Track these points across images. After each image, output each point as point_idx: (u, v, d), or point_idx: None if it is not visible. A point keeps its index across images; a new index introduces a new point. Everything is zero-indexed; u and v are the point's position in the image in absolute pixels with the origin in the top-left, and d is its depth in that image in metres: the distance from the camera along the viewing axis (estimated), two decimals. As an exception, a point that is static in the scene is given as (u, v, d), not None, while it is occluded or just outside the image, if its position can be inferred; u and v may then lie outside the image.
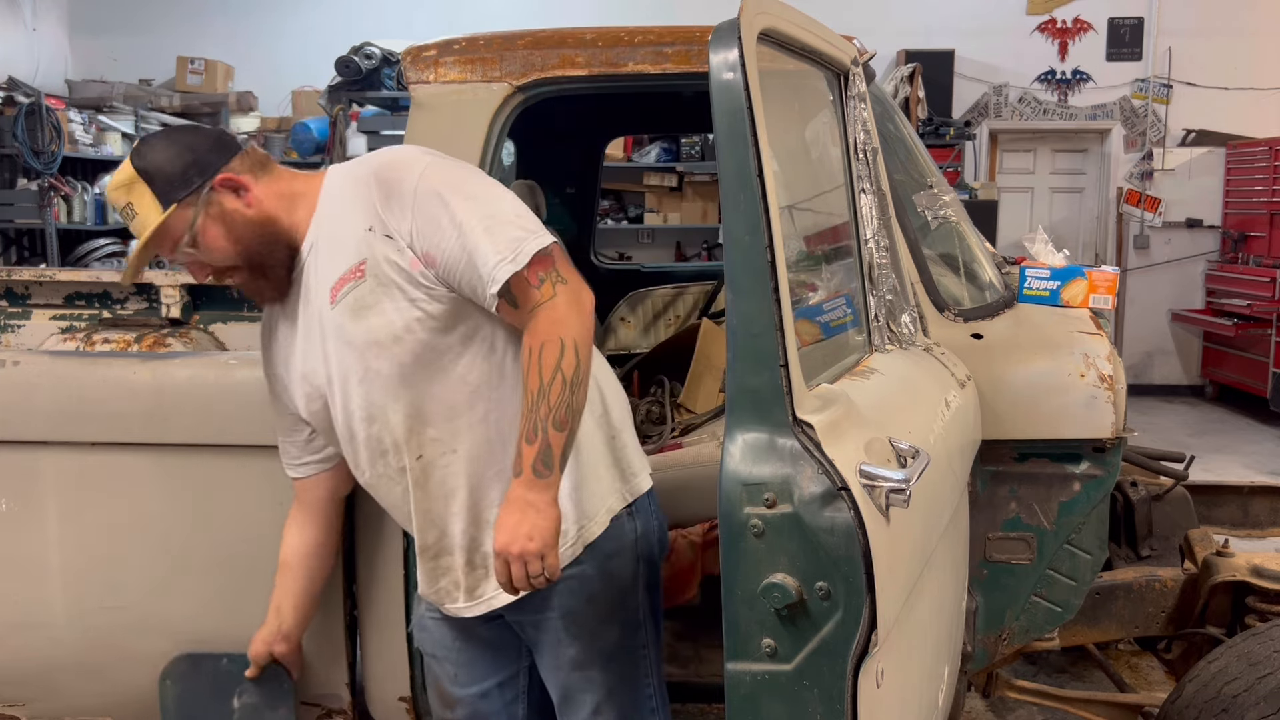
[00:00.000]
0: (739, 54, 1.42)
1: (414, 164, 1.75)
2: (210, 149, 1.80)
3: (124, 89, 8.72)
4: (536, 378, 1.64)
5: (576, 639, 1.87)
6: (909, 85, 8.10)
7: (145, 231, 1.76)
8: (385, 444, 1.84)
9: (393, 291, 1.74)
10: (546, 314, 1.66)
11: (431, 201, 1.70)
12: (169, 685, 2.33)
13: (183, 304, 3.37)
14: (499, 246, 1.67)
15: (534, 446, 1.63)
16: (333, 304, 1.78)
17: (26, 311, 3.45)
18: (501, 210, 1.73)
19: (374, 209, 1.74)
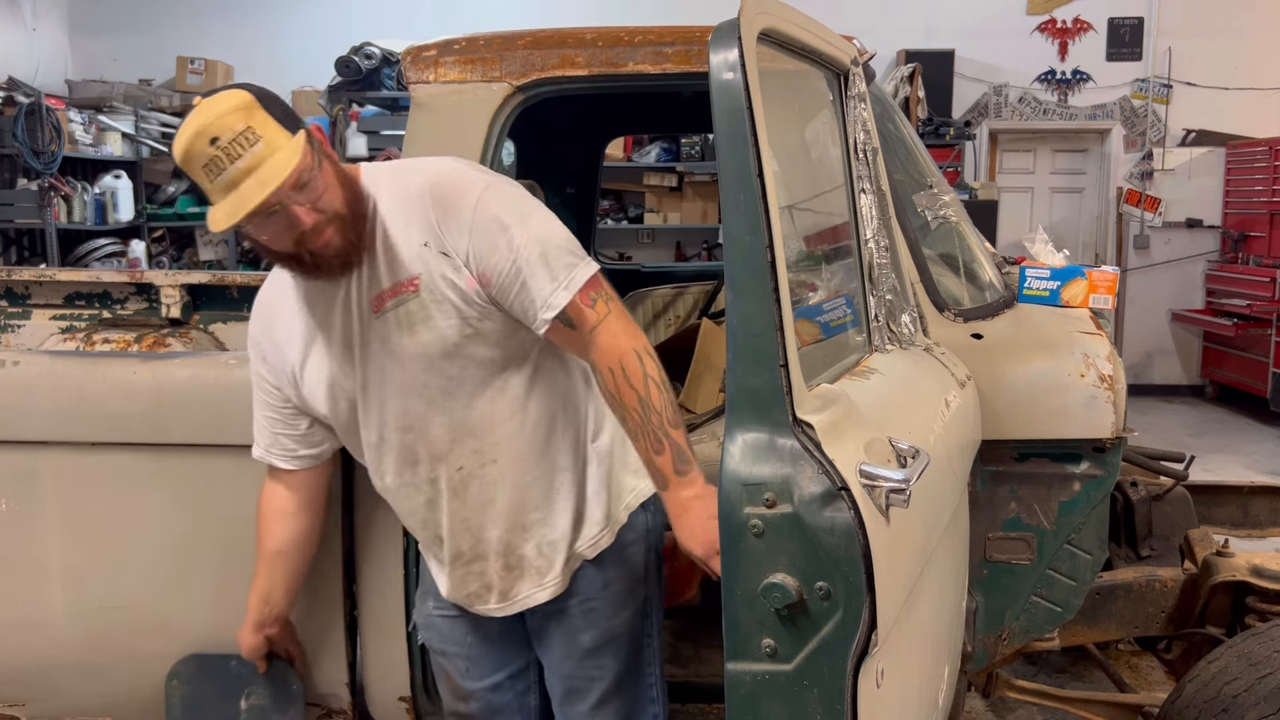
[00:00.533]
0: (739, 54, 1.42)
1: (472, 185, 1.75)
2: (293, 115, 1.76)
3: (124, 89, 8.72)
4: (632, 392, 1.69)
5: (593, 626, 1.92)
6: (909, 85, 8.10)
7: (282, 154, 1.61)
8: (419, 454, 1.85)
9: (446, 308, 1.74)
10: (607, 333, 1.72)
11: (490, 224, 1.71)
12: (176, 685, 2.33)
13: (183, 304, 3.37)
14: (555, 273, 1.71)
15: (665, 455, 1.69)
16: (378, 313, 1.77)
17: (26, 311, 3.44)
18: (554, 236, 1.75)
19: (431, 225, 1.73)
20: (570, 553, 1.90)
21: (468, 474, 1.84)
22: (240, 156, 1.60)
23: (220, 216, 1.60)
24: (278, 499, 2.06)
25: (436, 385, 1.79)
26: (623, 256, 8.66)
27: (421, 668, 2.35)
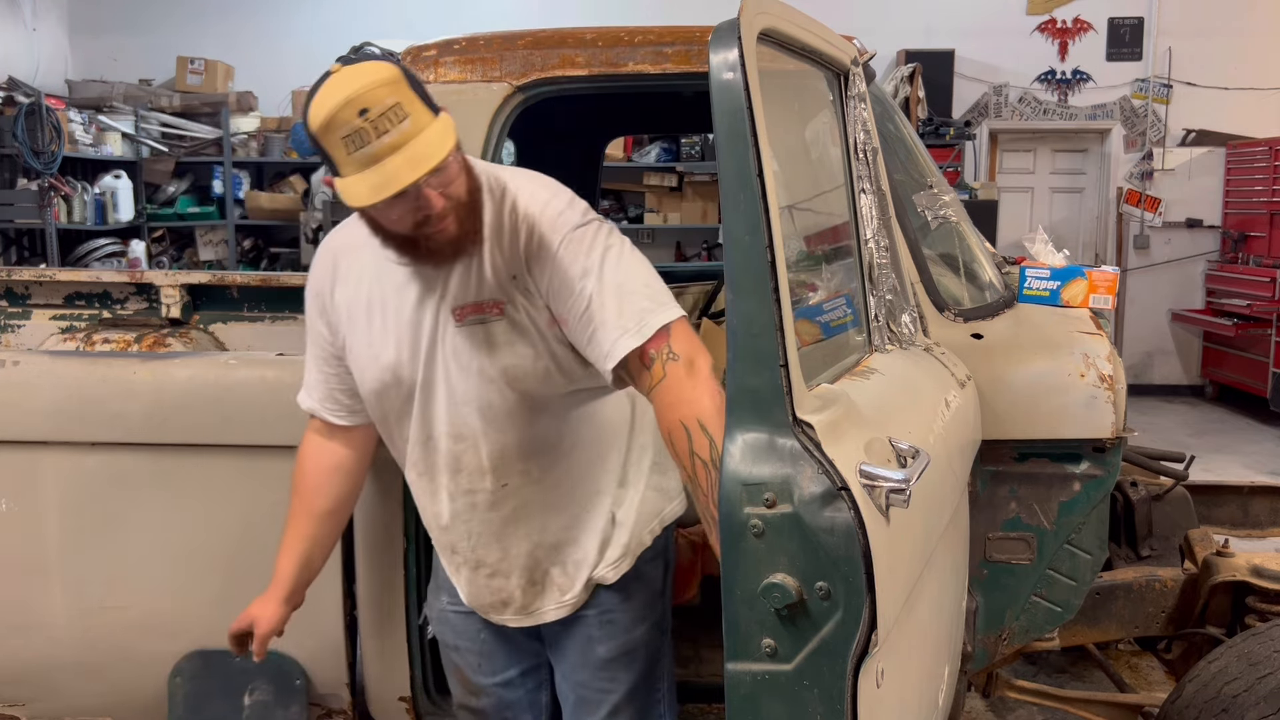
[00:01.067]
0: (739, 54, 1.42)
1: (563, 222, 1.71)
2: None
3: (124, 89, 8.72)
4: (683, 470, 1.65)
5: (610, 638, 1.91)
6: (909, 85, 8.10)
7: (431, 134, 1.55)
8: (464, 464, 1.83)
9: (531, 337, 1.74)
10: (660, 400, 1.65)
11: (571, 267, 1.69)
12: (179, 682, 2.34)
13: (183, 304, 3.37)
14: (624, 320, 1.66)
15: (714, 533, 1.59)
16: (459, 322, 1.74)
17: (26, 311, 3.44)
18: (632, 280, 1.70)
19: (521, 258, 1.71)
20: (592, 574, 1.89)
21: (510, 491, 1.83)
22: (388, 132, 1.53)
23: (363, 192, 1.55)
24: (330, 456, 1.98)
25: (500, 405, 1.77)
26: (623, 256, 8.64)
27: (421, 667, 2.35)
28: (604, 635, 1.91)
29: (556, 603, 1.90)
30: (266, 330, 3.42)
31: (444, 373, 1.78)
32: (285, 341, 3.39)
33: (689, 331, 1.70)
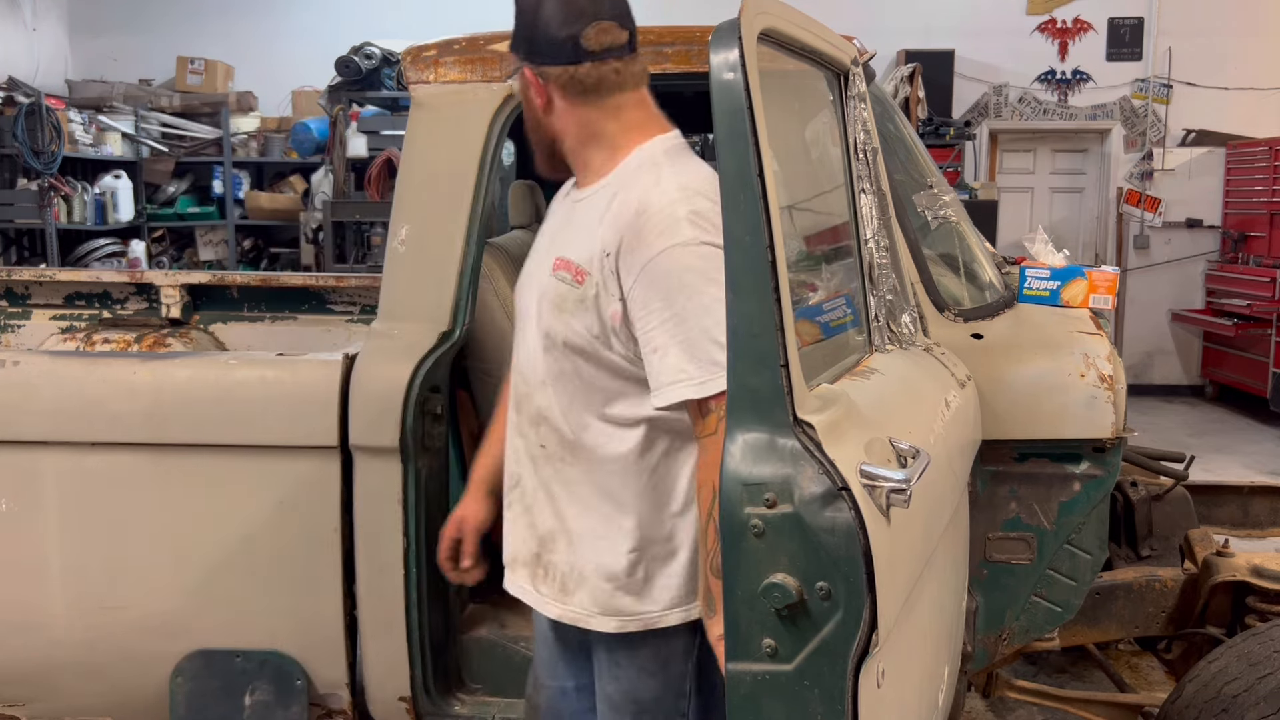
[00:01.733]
0: (739, 54, 1.42)
1: (670, 233, 1.63)
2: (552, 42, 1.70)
3: (124, 89, 8.72)
4: (700, 522, 1.62)
5: (615, 680, 1.84)
6: (909, 85, 8.10)
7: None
8: (523, 407, 1.83)
9: (589, 317, 1.70)
10: (709, 452, 1.59)
11: (658, 282, 1.63)
12: (180, 682, 2.34)
13: (183, 304, 3.37)
14: (689, 367, 1.60)
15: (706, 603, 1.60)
16: (553, 271, 1.75)
17: (26, 311, 3.45)
18: (717, 328, 1.58)
19: (619, 242, 1.66)
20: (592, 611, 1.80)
21: (545, 455, 1.81)
22: None
23: None
24: None
25: (547, 367, 1.77)
26: (623, 256, 8.65)
27: (421, 667, 2.35)
28: (612, 677, 1.85)
29: (556, 600, 1.84)
30: (266, 330, 3.42)
31: (536, 311, 1.80)
32: (285, 341, 3.39)
33: None
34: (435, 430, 2.34)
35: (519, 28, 1.74)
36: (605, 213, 1.70)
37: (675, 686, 1.82)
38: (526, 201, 3.26)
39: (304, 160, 8.66)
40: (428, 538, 2.32)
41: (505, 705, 2.46)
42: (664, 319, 1.62)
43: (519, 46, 1.75)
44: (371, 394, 2.26)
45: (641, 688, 1.82)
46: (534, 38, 1.72)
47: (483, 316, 2.56)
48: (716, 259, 1.57)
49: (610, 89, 1.74)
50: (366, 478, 2.28)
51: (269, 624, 2.35)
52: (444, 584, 2.46)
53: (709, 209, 1.64)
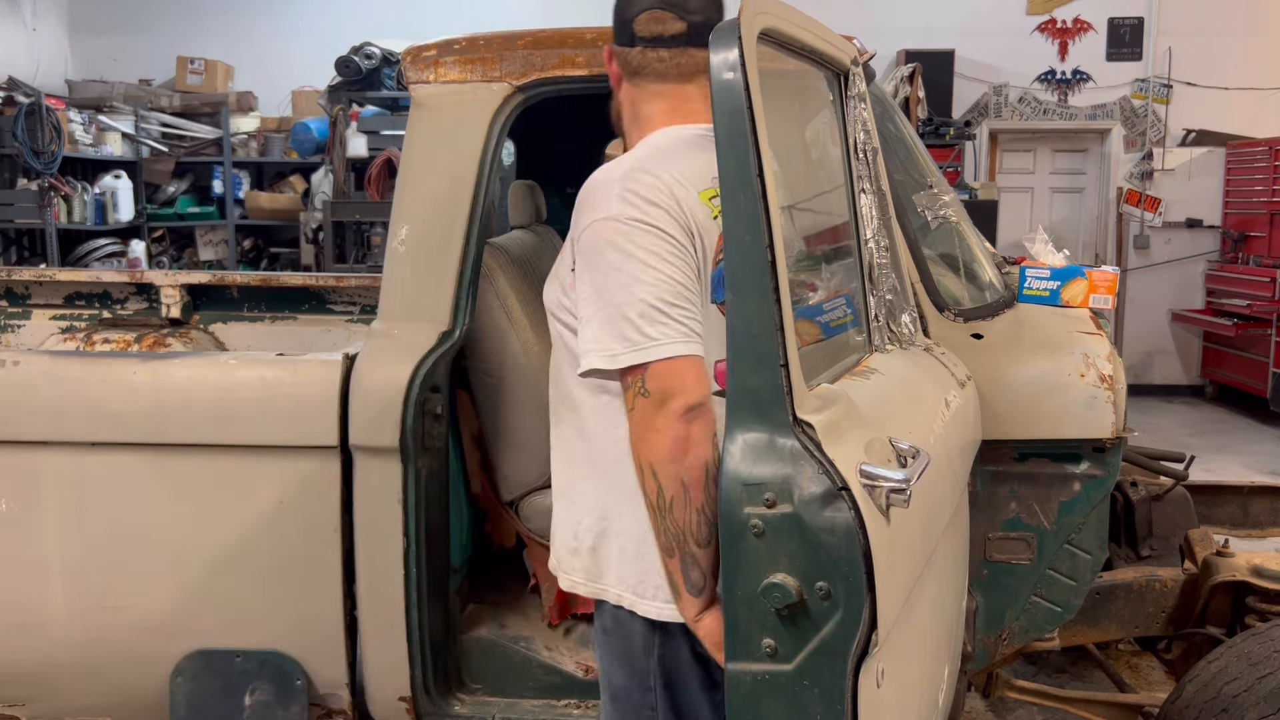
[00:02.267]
0: (739, 54, 1.42)
1: (598, 208, 1.63)
2: (620, 21, 1.80)
3: (124, 89, 8.72)
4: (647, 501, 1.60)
5: (600, 659, 1.86)
6: (909, 85, 8.10)
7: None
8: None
9: (556, 285, 1.77)
10: (632, 428, 1.58)
11: (584, 255, 1.64)
12: (180, 682, 2.34)
13: (183, 304, 3.37)
14: (602, 336, 1.58)
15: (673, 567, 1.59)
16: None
17: (26, 311, 3.45)
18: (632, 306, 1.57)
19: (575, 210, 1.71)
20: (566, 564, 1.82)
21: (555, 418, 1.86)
22: None
23: None
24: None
25: (551, 333, 1.83)
26: (623, 256, 8.65)
27: (421, 667, 2.35)
28: (597, 657, 1.87)
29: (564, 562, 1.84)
30: (266, 330, 3.42)
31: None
32: (285, 341, 3.39)
33: (677, 368, 1.56)
34: (435, 430, 2.34)
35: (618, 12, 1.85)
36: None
37: (640, 680, 1.79)
38: (526, 201, 3.26)
39: (304, 160, 8.66)
40: (428, 538, 2.32)
41: (505, 705, 2.46)
42: (587, 292, 1.62)
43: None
44: (371, 394, 2.26)
45: (612, 674, 1.82)
46: (615, 17, 1.84)
47: (483, 316, 2.56)
48: (642, 235, 1.59)
49: (652, 75, 1.79)
50: (366, 478, 2.28)
51: (269, 624, 2.35)
52: (444, 584, 2.46)
53: (650, 187, 1.62)
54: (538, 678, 2.48)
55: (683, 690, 1.78)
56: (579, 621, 2.60)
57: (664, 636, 1.75)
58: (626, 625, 1.76)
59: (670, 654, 1.76)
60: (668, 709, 1.79)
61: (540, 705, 2.46)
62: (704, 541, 1.54)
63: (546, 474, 2.58)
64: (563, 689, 2.47)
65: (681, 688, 1.79)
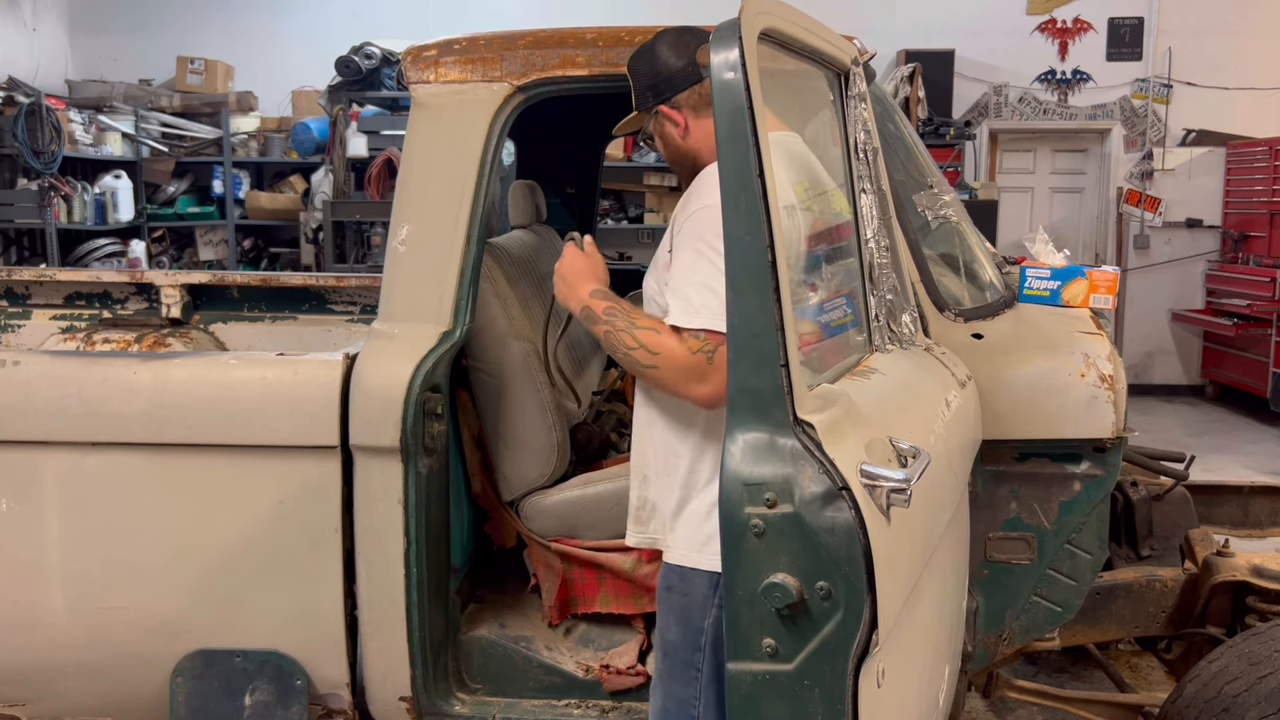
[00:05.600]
0: (740, 54, 1.42)
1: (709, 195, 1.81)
2: (674, 73, 1.99)
3: (124, 89, 8.71)
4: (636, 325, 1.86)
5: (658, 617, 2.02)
6: (909, 85, 8.10)
7: (624, 123, 2.15)
8: None
9: (656, 271, 1.98)
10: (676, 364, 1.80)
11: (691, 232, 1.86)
12: (180, 682, 2.34)
13: (183, 304, 3.37)
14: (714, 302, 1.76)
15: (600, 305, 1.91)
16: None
17: (26, 311, 3.45)
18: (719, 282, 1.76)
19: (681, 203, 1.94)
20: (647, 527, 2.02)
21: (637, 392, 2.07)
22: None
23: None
24: None
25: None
26: (623, 256, 8.65)
27: (422, 667, 2.35)
28: (657, 613, 2.02)
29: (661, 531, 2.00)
30: (266, 330, 3.42)
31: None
32: (285, 341, 3.39)
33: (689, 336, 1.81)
34: (435, 430, 2.34)
35: (641, 83, 2.03)
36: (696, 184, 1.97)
37: (692, 639, 1.93)
38: (526, 201, 3.26)
39: (304, 160, 8.66)
40: (428, 538, 2.32)
41: (505, 705, 2.46)
42: (683, 266, 1.83)
43: (646, 100, 2.04)
44: (372, 394, 2.26)
45: (667, 630, 1.97)
46: (658, 81, 2.01)
47: (483, 316, 2.56)
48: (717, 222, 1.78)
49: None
50: (366, 478, 2.28)
51: (269, 624, 2.35)
52: (444, 584, 2.46)
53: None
54: (538, 678, 2.49)
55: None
56: (579, 621, 2.60)
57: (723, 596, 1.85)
58: (690, 582, 1.91)
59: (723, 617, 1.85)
60: (711, 670, 1.92)
61: (540, 705, 2.46)
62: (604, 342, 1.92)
63: (546, 474, 2.60)
64: (563, 689, 2.48)
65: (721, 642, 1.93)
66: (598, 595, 2.56)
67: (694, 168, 2.01)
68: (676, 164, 2.09)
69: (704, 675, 1.93)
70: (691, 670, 1.93)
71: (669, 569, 1.96)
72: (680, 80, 1.98)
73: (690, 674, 1.94)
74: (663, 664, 2.00)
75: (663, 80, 1.99)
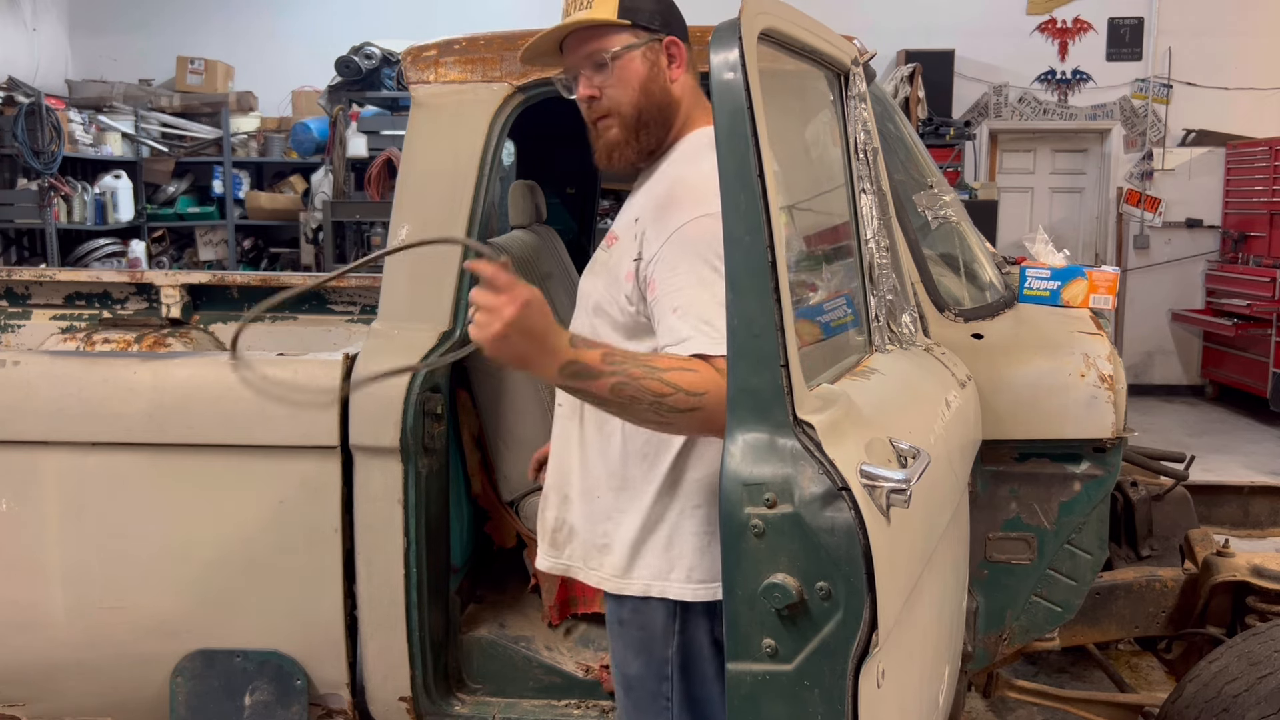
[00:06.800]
0: (739, 54, 1.42)
1: (704, 204, 1.65)
2: (679, 19, 1.85)
3: (124, 89, 8.71)
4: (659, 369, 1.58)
5: (612, 652, 1.90)
6: (909, 85, 8.10)
7: (587, 16, 1.74)
8: None
9: (609, 276, 1.79)
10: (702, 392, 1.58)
11: (687, 246, 1.66)
12: (180, 682, 2.34)
13: (183, 304, 3.37)
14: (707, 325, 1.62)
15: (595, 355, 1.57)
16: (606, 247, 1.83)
17: (26, 311, 3.45)
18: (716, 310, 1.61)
19: (651, 208, 1.74)
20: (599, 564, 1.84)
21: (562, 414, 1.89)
22: (576, 10, 1.77)
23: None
24: None
25: (577, 328, 1.84)
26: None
27: (421, 667, 2.35)
28: (612, 649, 1.90)
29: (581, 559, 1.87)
30: (266, 330, 3.42)
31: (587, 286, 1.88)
32: (285, 341, 3.39)
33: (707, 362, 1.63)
34: (435, 430, 2.34)
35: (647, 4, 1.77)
36: (650, 186, 1.81)
37: (657, 669, 1.83)
38: (526, 201, 3.26)
39: (304, 160, 8.66)
40: (428, 538, 2.32)
41: (505, 705, 2.46)
42: (689, 282, 1.65)
43: (653, 18, 1.78)
44: (371, 394, 2.26)
45: (627, 664, 1.86)
46: (669, 13, 1.81)
47: (483, 316, 2.55)
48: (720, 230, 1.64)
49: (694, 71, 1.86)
50: (366, 478, 2.28)
51: (269, 624, 2.35)
52: (444, 584, 2.46)
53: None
54: (538, 678, 2.48)
55: (698, 678, 1.82)
56: (579, 621, 2.60)
57: (684, 622, 1.79)
58: (645, 614, 1.80)
59: (689, 640, 1.81)
60: (683, 697, 1.83)
61: (540, 705, 2.46)
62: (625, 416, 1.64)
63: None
64: (563, 689, 2.48)
65: (698, 675, 1.83)
66: (597, 595, 2.56)
67: (661, 119, 1.80)
68: (651, 106, 1.79)
69: (675, 704, 1.84)
70: (660, 700, 1.84)
71: (618, 602, 1.82)
72: (683, 29, 1.85)
73: (660, 704, 1.85)
74: (626, 699, 1.89)
75: (674, 16, 1.83)
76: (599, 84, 1.78)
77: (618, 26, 1.75)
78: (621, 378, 1.55)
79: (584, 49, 1.77)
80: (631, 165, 1.84)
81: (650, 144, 1.82)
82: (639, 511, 1.77)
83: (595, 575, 1.84)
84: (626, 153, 1.82)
